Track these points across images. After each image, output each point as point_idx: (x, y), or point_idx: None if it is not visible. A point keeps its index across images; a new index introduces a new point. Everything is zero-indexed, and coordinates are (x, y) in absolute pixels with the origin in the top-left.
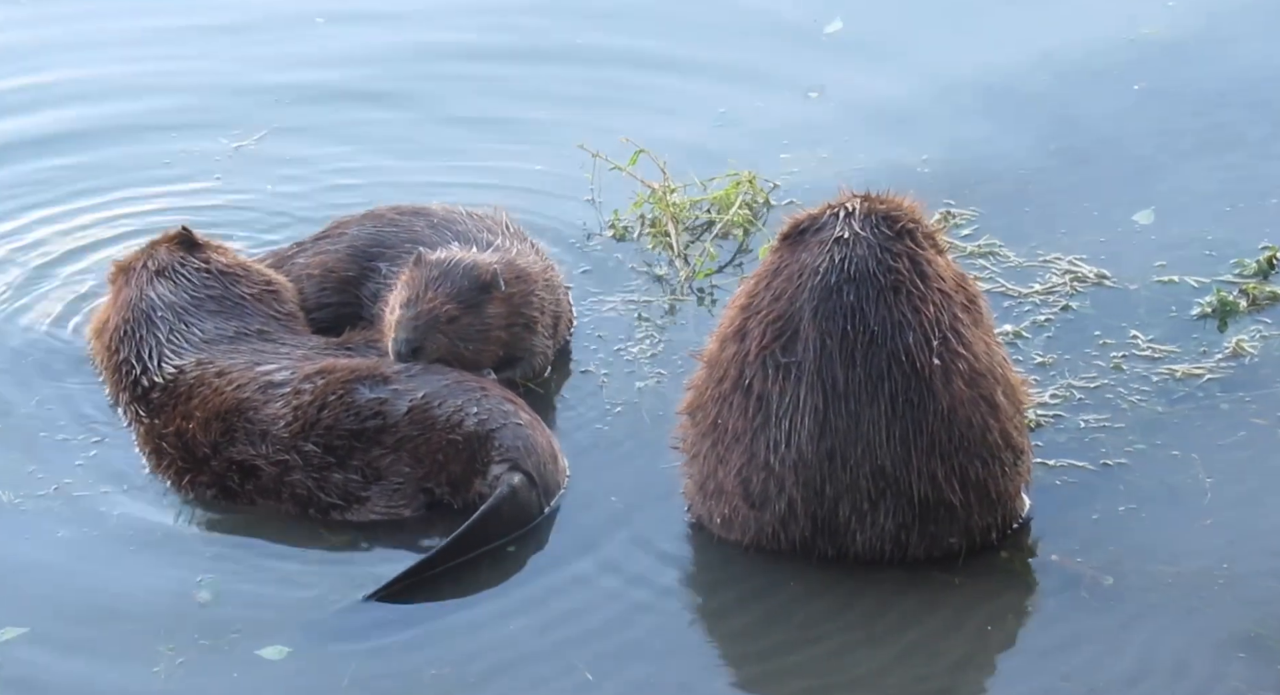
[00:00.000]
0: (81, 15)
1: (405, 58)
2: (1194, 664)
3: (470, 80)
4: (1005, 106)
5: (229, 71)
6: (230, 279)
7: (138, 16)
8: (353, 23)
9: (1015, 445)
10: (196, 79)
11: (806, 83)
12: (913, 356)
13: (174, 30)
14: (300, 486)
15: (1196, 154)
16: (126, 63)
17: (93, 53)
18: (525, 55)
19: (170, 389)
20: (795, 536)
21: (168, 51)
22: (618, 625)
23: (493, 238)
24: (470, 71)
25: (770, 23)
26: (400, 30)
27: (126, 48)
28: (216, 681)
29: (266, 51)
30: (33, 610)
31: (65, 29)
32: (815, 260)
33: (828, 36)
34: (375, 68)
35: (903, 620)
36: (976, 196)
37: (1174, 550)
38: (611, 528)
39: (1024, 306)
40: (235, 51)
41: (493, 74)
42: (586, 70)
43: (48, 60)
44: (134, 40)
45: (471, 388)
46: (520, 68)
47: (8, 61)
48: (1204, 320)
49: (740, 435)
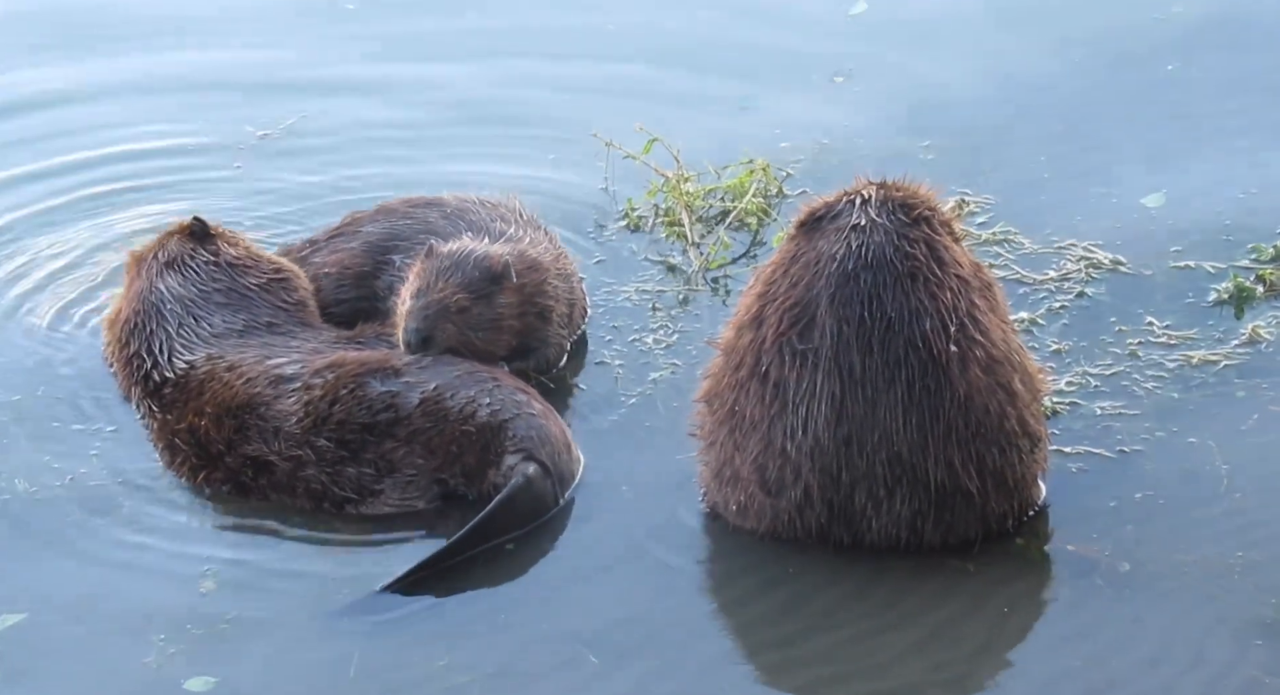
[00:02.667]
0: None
1: (429, 45)
2: (1211, 650)
3: (491, 68)
4: (1020, 91)
5: (258, 59)
6: (238, 270)
7: (161, 4)
8: (382, 7)
9: (1032, 432)
10: (222, 71)
11: (830, 67)
12: (930, 343)
13: (202, 20)
14: (314, 481)
15: (1212, 138)
16: (150, 52)
17: (121, 42)
18: (543, 43)
19: (182, 385)
20: (811, 523)
21: (193, 40)
22: (633, 614)
23: (506, 227)
24: (491, 61)
25: (793, 4)
26: (424, 18)
27: (151, 37)
28: (219, 671)
29: (296, 38)
30: (35, 598)
31: (91, 14)
32: (832, 247)
33: (852, 19)
34: (398, 55)
35: (919, 607)
36: (990, 183)
37: (1191, 537)
38: (626, 517)
39: (1039, 293)
40: (264, 38)
41: (510, 63)
42: (604, 58)
43: (71, 52)
44: (158, 30)
45: (483, 378)
46: (536, 57)
47: (27, 50)
48: (1220, 306)
49: (757, 422)
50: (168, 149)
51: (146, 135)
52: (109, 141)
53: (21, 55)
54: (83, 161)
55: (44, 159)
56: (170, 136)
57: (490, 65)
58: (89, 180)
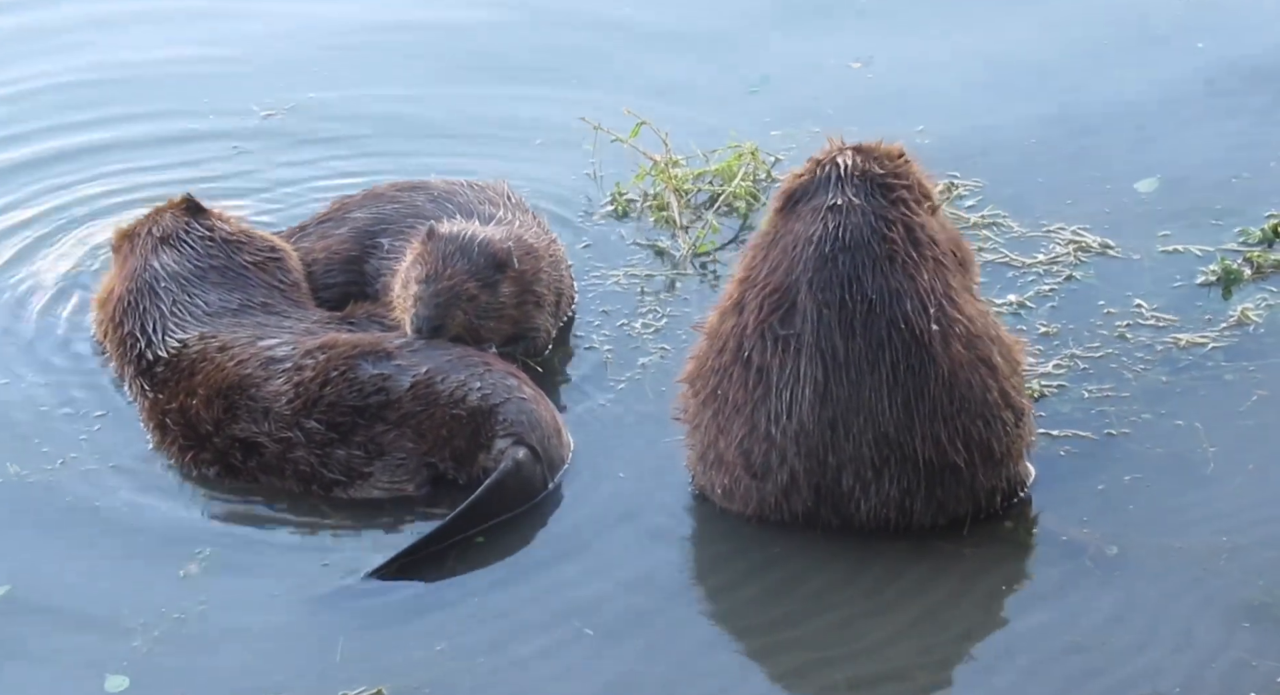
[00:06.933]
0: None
1: (425, 27)
2: (1200, 633)
3: (483, 52)
4: (1009, 76)
5: (266, 39)
6: (234, 247)
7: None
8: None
9: (1015, 405)
10: (230, 48)
11: (849, 54)
12: (911, 324)
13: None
14: (303, 463)
15: (1200, 122)
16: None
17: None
18: (544, 26)
19: (174, 364)
20: (798, 507)
21: (201, 19)
22: (621, 599)
23: (494, 210)
24: (487, 42)
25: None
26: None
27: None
28: (203, 657)
29: (299, 19)
30: (20, 572)
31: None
32: (809, 230)
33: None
34: (397, 39)
35: (908, 591)
36: (980, 167)
37: (1179, 520)
38: (615, 502)
39: (1028, 276)
40: (271, 19)
41: (503, 45)
42: (601, 44)
43: (79, 38)
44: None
45: (474, 363)
46: (533, 39)
47: (40, 32)
48: (1208, 289)
49: (741, 406)
50: (173, 127)
51: (158, 113)
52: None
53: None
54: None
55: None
56: (177, 115)
57: (489, 47)
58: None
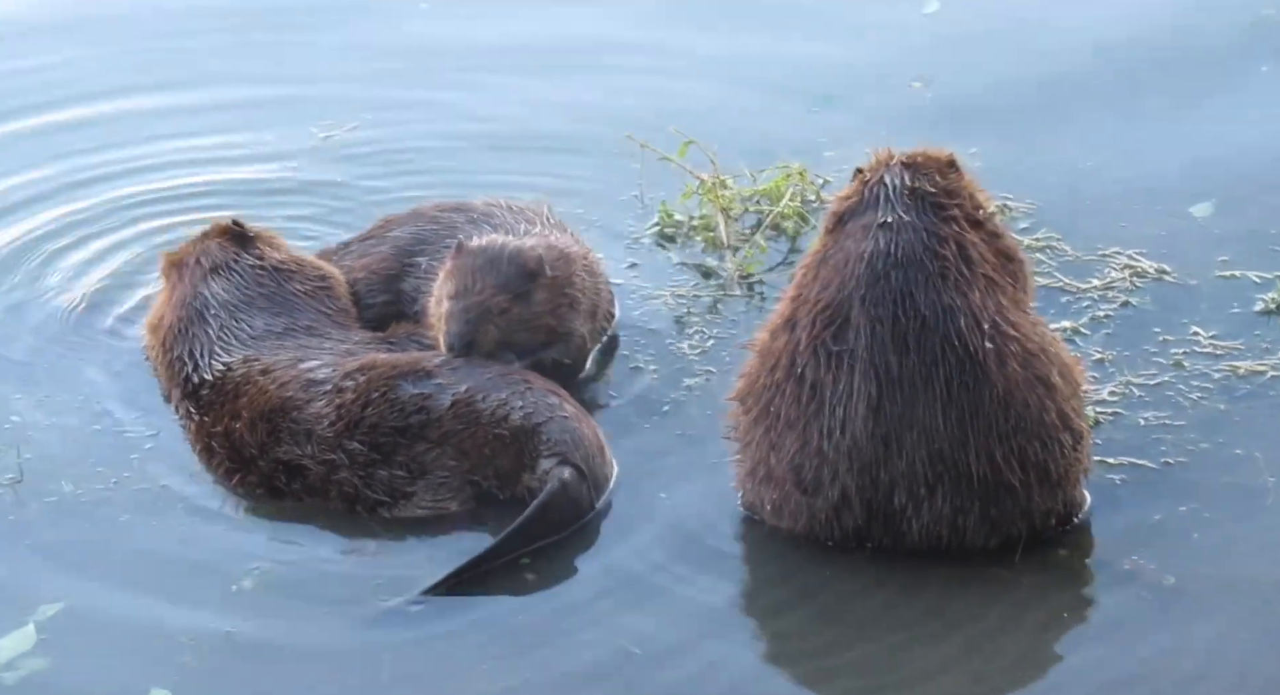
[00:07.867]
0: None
1: (482, 51)
2: (1256, 667)
3: (532, 72)
4: (1066, 99)
5: (328, 58)
6: (284, 275)
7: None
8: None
9: (1074, 428)
10: (292, 67)
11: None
12: (965, 340)
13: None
14: (347, 484)
15: (1256, 147)
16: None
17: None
18: (589, 45)
19: (219, 386)
20: (849, 524)
21: (265, 37)
22: (667, 623)
23: (531, 229)
24: (536, 60)
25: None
26: (477, 23)
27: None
28: (251, 673)
29: (364, 39)
30: (74, 590)
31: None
32: (860, 246)
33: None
34: (446, 61)
35: (958, 618)
36: (1034, 190)
37: (1237, 551)
38: (660, 524)
39: (1082, 302)
40: (335, 37)
41: (553, 62)
42: (647, 60)
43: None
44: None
45: (515, 381)
46: (583, 56)
47: (91, 41)
48: (1267, 316)
49: (793, 422)
50: (232, 142)
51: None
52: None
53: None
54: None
55: (88, 158)
56: (238, 130)
57: (540, 65)
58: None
